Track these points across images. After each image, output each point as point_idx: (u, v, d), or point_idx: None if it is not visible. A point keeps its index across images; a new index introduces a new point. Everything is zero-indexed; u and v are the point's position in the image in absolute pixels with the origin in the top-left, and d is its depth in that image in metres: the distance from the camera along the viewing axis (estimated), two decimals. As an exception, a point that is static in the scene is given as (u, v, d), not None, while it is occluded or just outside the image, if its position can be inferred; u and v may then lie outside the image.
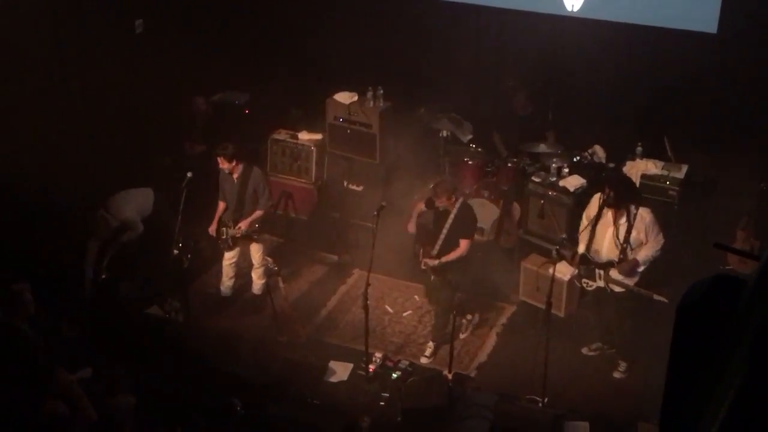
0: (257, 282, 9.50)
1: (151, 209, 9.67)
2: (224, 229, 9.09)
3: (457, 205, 8.34)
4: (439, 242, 8.36)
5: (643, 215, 7.72)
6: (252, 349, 8.75)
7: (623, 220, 7.74)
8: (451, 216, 8.31)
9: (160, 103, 10.19)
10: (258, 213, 9.11)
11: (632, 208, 7.71)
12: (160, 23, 10.90)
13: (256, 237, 9.16)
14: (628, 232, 7.71)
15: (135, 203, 9.62)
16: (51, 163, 9.34)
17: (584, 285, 8.13)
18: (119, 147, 10.17)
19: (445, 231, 8.33)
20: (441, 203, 8.31)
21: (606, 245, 7.88)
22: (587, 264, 7.99)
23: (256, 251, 9.33)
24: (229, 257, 9.36)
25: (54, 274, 8.65)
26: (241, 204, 9.07)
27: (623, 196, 7.72)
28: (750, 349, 1.55)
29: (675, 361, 1.78)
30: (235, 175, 9.02)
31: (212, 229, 9.17)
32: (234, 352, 8.58)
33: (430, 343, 8.85)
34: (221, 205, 9.19)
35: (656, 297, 7.75)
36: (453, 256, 8.33)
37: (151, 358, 8.03)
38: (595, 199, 7.98)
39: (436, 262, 8.35)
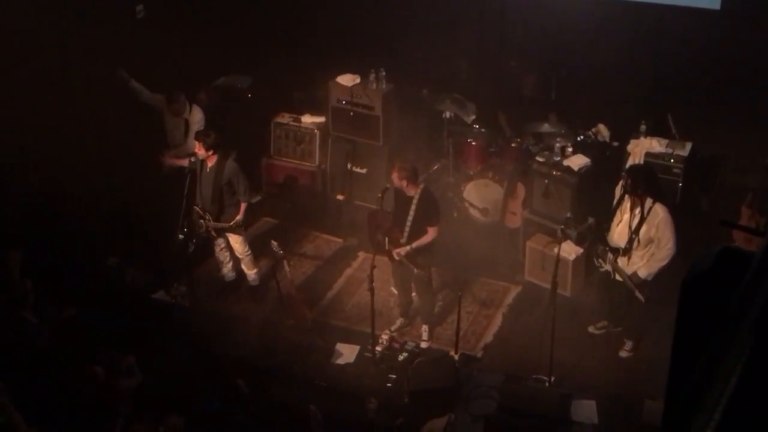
0: (249, 273, 9.41)
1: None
2: (202, 221, 8.90)
3: (419, 191, 8.17)
4: (407, 230, 8.24)
5: (658, 211, 7.66)
6: (258, 332, 8.77)
7: (638, 210, 7.73)
8: (414, 203, 8.16)
9: (163, 88, 10.15)
10: (243, 205, 8.93)
11: (649, 201, 7.69)
12: (162, 8, 10.86)
13: (238, 229, 8.99)
14: (640, 223, 7.70)
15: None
16: (52, 147, 9.35)
17: (597, 264, 8.13)
18: (121, 133, 10.15)
19: (410, 219, 8.19)
20: (399, 184, 8.14)
21: (618, 231, 7.88)
22: (605, 245, 7.99)
23: (235, 241, 9.16)
24: (219, 245, 9.29)
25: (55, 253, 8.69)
26: (217, 196, 8.86)
27: (638, 185, 7.70)
28: (756, 322, 1.55)
29: (680, 335, 1.77)
30: (209, 165, 8.80)
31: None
32: (240, 336, 8.60)
33: (425, 327, 8.83)
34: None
35: (637, 294, 7.79)
36: (423, 242, 8.22)
37: (157, 342, 8.05)
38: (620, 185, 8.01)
39: (408, 248, 8.23)
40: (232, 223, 8.87)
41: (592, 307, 8.77)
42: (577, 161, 9.21)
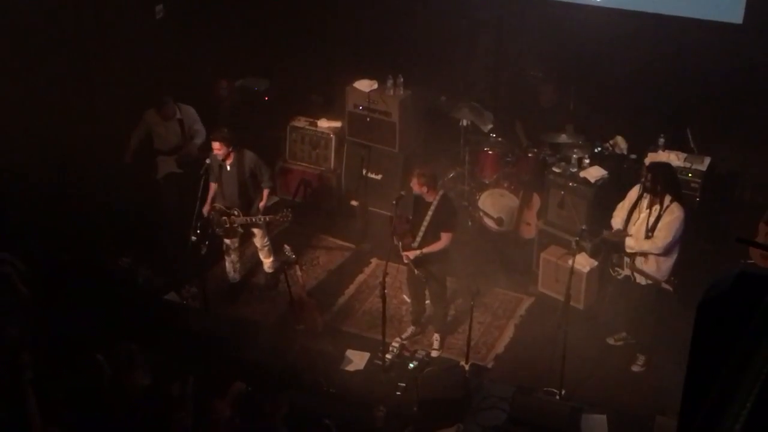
0: (266, 262, 9.52)
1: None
2: (225, 218, 8.95)
3: (438, 197, 8.16)
4: (420, 234, 8.22)
5: (674, 209, 7.61)
6: (269, 336, 8.74)
7: (655, 208, 7.68)
8: (432, 208, 8.14)
9: (181, 90, 10.15)
10: (266, 192, 9.05)
11: (667, 198, 7.64)
12: (181, 8, 10.88)
13: (266, 220, 9.02)
14: (657, 221, 7.64)
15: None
16: (70, 149, 9.35)
17: (615, 273, 8.08)
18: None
19: (425, 223, 8.16)
20: (419, 191, 8.13)
21: (635, 231, 7.82)
22: (619, 252, 7.94)
23: (257, 232, 9.25)
24: (231, 244, 9.34)
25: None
26: (243, 190, 8.95)
27: (659, 182, 7.65)
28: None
29: (695, 358, 1.73)
30: (228, 162, 8.85)
31: (206, 210, 8.98)
32: (251, 340, 8.56)
33: (436, 336, 8.80)
34: (213, 186, 9.01)
35: (663, 285, 7.78)
36: (435, 248, 8.20)
37: (168, 344, 8.01)
38: (634, 190, 7.94)
39: (418, 252, 8.22)
40: (260, 212, 8.97)
41: (605, 320, 8.70)
42: (594, 173, 9.15)
